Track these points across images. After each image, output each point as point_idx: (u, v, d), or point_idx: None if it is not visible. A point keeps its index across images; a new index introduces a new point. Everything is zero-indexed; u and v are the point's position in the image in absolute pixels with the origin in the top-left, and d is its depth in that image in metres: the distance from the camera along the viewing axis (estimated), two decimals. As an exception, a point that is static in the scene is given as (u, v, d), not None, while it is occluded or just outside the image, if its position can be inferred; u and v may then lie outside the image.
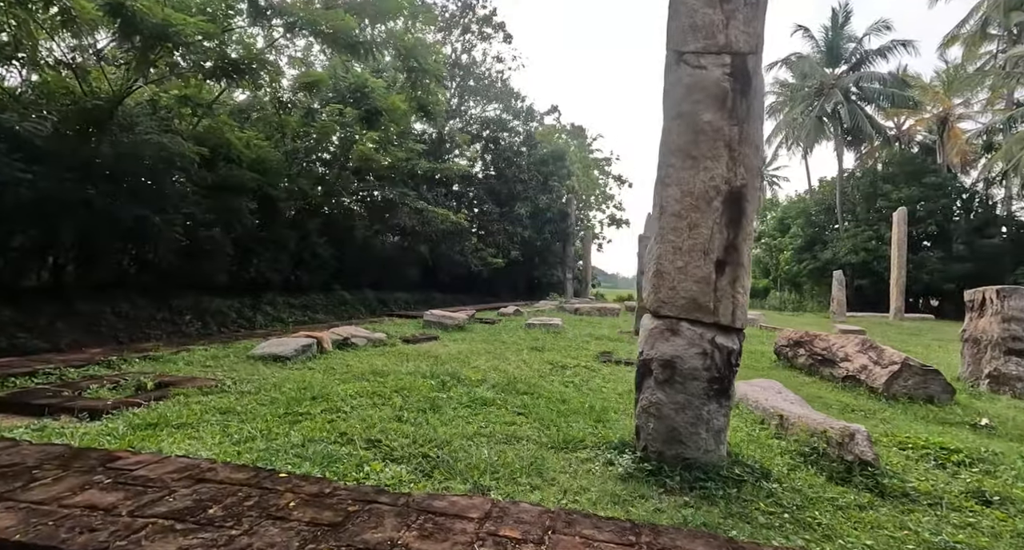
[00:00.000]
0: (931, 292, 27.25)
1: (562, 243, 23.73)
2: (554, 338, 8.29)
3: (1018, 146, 23.03)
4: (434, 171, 13.68)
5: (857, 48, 31.82)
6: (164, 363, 4.92)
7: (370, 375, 4.53)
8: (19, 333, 6.44)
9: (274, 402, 3.52)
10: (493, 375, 4.65)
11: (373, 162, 11.12)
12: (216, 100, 9.65)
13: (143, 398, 3.50)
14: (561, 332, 9.25)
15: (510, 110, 24.95)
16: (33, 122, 6.40)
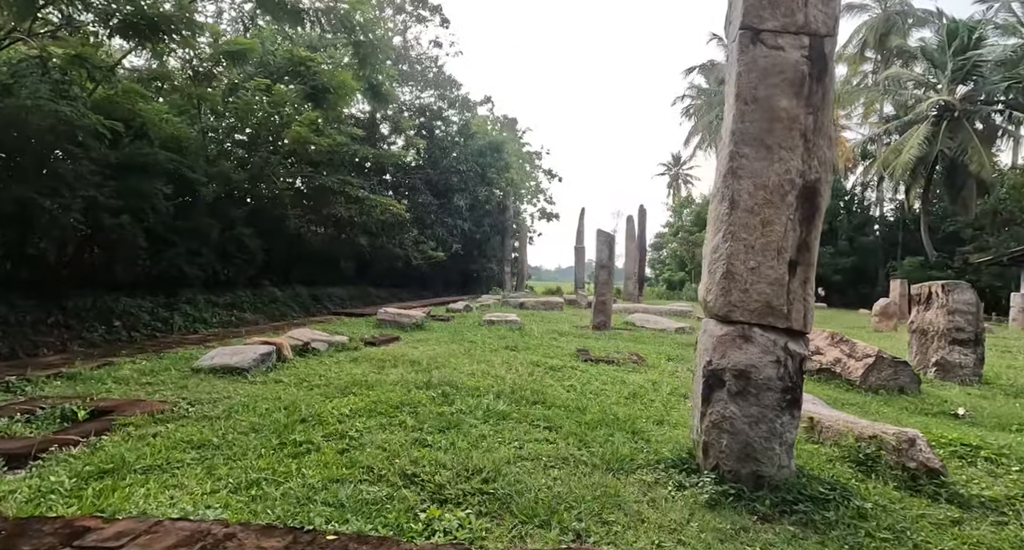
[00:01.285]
0: (821, 283, 30.36)
1: (501, 236, 23.53)
2: (521, 336, 8.04)
3: (893, 155, 26.25)
4: (377, 158, 12.76)
5: (764, 59, 34.54)
6: (85, 382, 3.99)
7: (355, 387, 3.98)
8: None
9: (258, 429, 2.92)
10: (489, 382, 4.30)
11: (310, 145, 10.09)
12: (119, 63, 8.22)
13: (77, 432, 2.74)
14: (523, 329, 9.02)
15: (445, 98, 24.18)
16: None
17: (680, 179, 63.90)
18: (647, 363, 5.90)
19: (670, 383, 4.74)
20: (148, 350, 5.72)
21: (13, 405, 3.22)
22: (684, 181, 63.80)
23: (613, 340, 8.18)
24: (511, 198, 24.36)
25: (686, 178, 63.84)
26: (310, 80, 8.75)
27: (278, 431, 2.88)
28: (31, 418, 3.02)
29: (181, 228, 9.66)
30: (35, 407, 3.17)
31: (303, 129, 9.48)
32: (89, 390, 3.74)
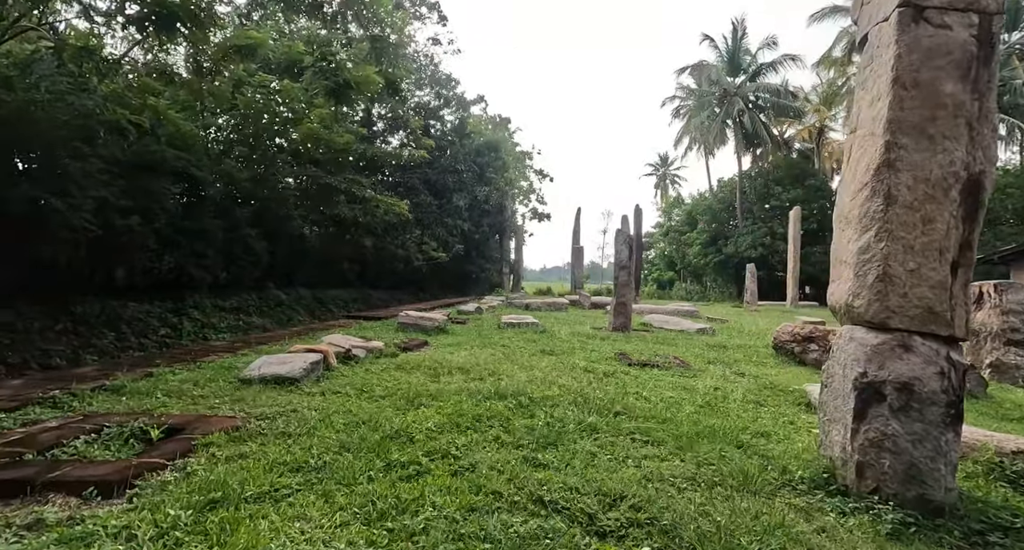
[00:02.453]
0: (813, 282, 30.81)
1: (499, 237, 23.30)
2: (549, 339, 7.84)
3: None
4: (387, 157, 12.44)
5: (753, 60, 34.95)
6: (134, 396, 3.66)
7: (422, 398, 3.73)
8: None
9: (349, 448, 2.66)
10: (556, 391, 4.08)
11: (323, 143, 9.73)
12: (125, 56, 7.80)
13: (160, 455, 2.45)
14: (548, 331, 8.82)
15: (441, 96, 23.87)
16: None
17: (667, 179, 64.44)
18: (692, 367, 5.75)
19: (733, 389, 4.58)
20: (181, 359, 5.36)
21: (71, 423, 2.90)
22: (671, 182, 64.36)
23: (642, 343, 8.03)
24: (509, 198, 24.16)
25: (673, 178, 64.40)
26: (332, 75, 8.42)
27: (373, 450, 2.63)
28: (99, 438, 2.71)
29: (188, 229, 9.24)
30: (96, 425, 2.85)
31: (316, 126, 9.13)
32: (141, 404, 3.42)
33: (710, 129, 35.10)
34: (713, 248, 36.09)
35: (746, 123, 32.47)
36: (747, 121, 32.29)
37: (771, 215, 33.27)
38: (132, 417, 2.99)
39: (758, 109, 34.02)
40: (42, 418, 3.10)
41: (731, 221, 37.28)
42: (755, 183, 35.52)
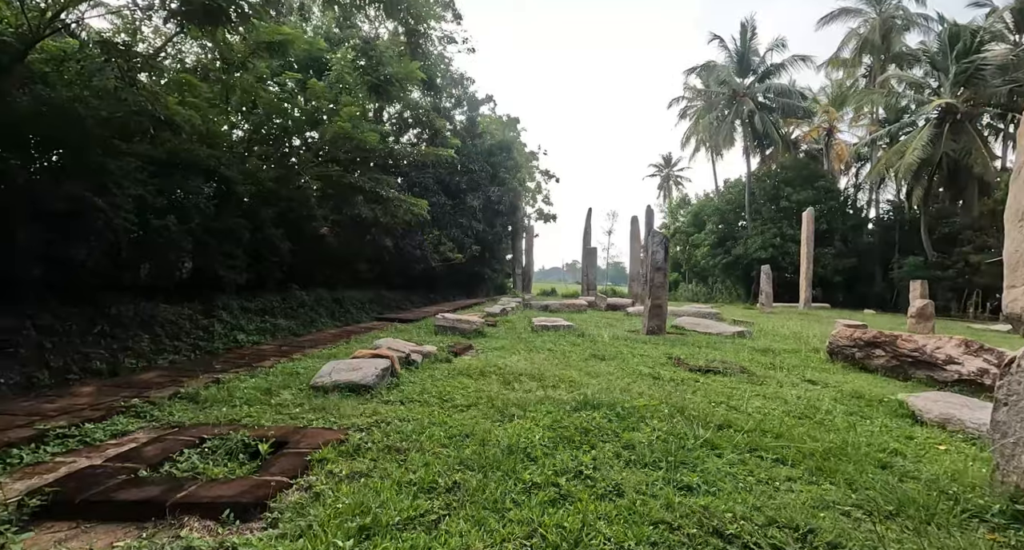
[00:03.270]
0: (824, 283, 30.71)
1: (512, 237, 23.13)
2: (591, 343, 7.67)
3: (895, 157, 26.65)
4: (417, 156, 12.27)
5: (762, 61, 34.84)
6: (212, 405, 3.48)
7: (510, 408, 3.55)
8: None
9: (468, 466, 2.47)
10: (642, 400, 3.88)
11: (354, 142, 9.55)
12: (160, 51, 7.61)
13: (279, 472, 2.27)
14: (586, 335, 8.65)
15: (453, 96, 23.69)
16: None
17: (671, 180, 64.39)
18: (756, 374, 5.58)
19: (819, 399, 4.37)
20: (236, 363, 5.17)
21: (167, 436, 2.72)
22: (675, 183, 64.33)
23: (686, 347, 7.87)
24: (523, 198, 24.00)
25: (677, 179, 64.37)
26: (373, 72, 8.23)
27: (495, 468, 2.44)
28: (203, 451, 2.54)
29: (217, 229, 9.05)
30: (193, 438, 2.68)
31: (347, 125, 8.95)
32: (224, 414, 3.24)
33: (719, 130, 35.00)
34: (721, 249, 35.97)
35: (756, 124, 32.37)
36: (758, 122, 32.19)
37: (781, 216, 33.15)
38: (229, 429, 2.82)
39: (767, 110, 33.90)
40: (130, 429, 2.93)
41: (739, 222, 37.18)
42: (764, 184, 35.41)
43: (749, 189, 35.04)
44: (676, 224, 46.27)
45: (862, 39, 34.51)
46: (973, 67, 23.14)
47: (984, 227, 26.19)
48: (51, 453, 2.63)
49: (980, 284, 25.32)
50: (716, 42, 35.52)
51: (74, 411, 3.27)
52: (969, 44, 23.71)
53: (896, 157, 26.35)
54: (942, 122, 24.25)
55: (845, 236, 32.58)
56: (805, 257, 25.97)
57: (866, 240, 33.06)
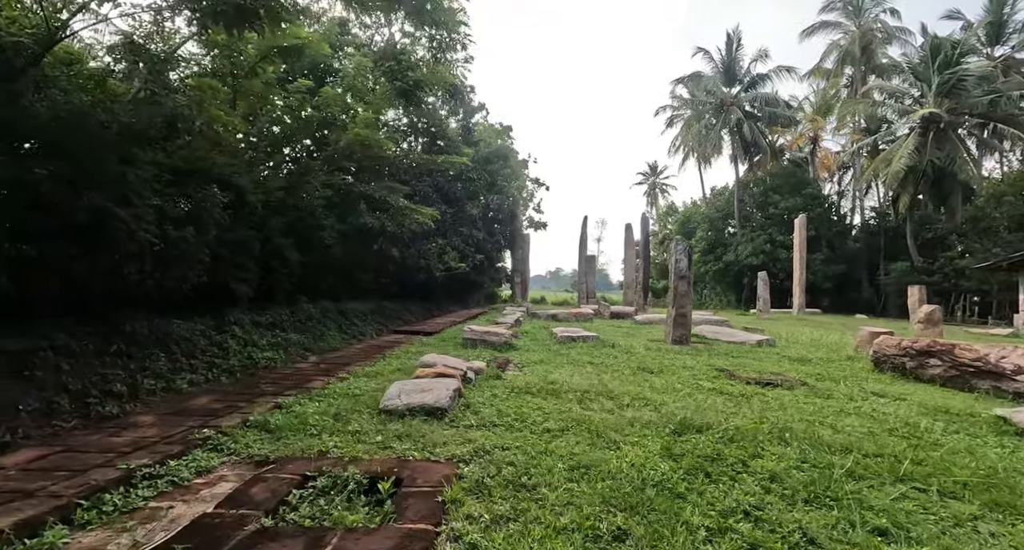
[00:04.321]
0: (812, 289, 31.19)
1: (510, 245, 22.95)
2: (627, 354, 7.48)
3: (882, 164, 27.33)
4: (431, 163, 11.99)
5: (747, 72, 35.54)
6: (288, 434, 3.16)
7: (608, 432, 3.31)
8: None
9: (612, 504, 2.22)
10: (736, 420, 3.64)
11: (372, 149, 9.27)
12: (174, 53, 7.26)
13: (415, 518, 2.00)
14: (616, 345, 8.47)
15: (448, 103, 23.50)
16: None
17: (657, 188, 65.12)
18: (815, 386, 5.44)
19: (908, 414, 4.17)
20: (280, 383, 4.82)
21: (265, 474, 2.41)
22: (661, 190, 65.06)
23: (722, 357, 7.73)
24: (520, 206, 23.87)
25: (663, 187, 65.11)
26: (401, 76, 8.00)
27: (651, 508, 2.20)
28: (318, 493, 2.25)
29: (230, 240, 8.67)
30: (293, 474, 2.38)
31: (364, 132, 8.68)
32: (306, 445, 2.94)
33: (708, 138, 35.50)
34: (712, 256, 36.36)
35: (745, 132, 32.92)
36: (746, 130, 32.75)
37: (769, 223, 33.68)
38: (323, 463, 2.53)
39: (753, 119, 34.54)
40: (213, 465, 2.63)
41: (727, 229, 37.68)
42: (753, 191, 35.99)
43: (738, 196, 35.55)
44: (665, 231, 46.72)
45: (843, 51, 35.52)
46: (955, 78, 23.91)
47: (967, 232, 26.96)
48: (143, 497, 2.32)
49: (966, 288, 26.00)
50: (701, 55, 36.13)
51: (147, 445, 2.94)
52: (950, 56, 24.52)
53: (883, 165, 27.02)
54: (926, 131, 24.96)
55: (831, 242, 33.24)
56: (798, 263, 26.35)
57: (851, 246, 33.78)
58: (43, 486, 2.34)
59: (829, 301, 31.71)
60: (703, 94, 35.76)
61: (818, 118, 34.65)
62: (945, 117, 24.37)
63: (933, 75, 24.88)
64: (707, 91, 35.39)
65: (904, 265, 28.31)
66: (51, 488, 2.32)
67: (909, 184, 25.58)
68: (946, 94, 24.65)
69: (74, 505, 2.17)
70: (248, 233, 9.27)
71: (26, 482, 2.41)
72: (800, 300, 26.11)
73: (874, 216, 35.95)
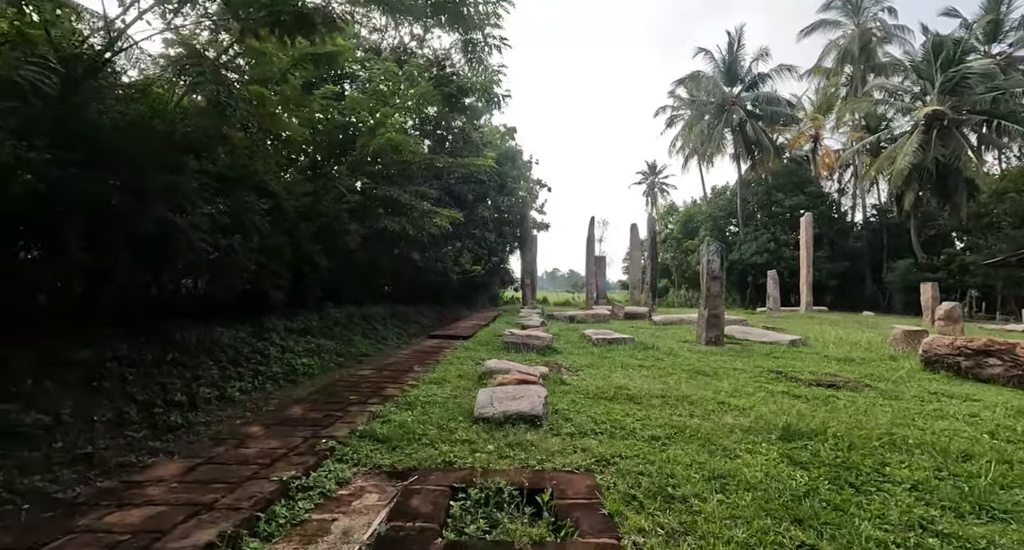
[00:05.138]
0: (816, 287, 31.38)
1: (520, 247, 22.95)
2: (672, 357, 7.49)
3: (886, 162, 27.56)
4: (456, 167, 11.98)
5: (749, 70, 35.71)
6: (405, 443, 3.16)
7: (717, 439, 3.32)
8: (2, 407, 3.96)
9: (778, 516, 2.22)
10: (835, 427, 3.62)
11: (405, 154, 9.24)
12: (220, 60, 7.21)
13: (592, 531, 2.00)
14: (655, 347, 8.49)
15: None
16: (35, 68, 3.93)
17: (656, 188, 65.30)
18: (877, 387, 5.47)
19: (994, 416, 4.14)
20: (358, 393, 4.77)
21: (417, 486, 2.39)
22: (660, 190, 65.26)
23: (765, 358, 7.76)
24: (529, 208, 23.89)
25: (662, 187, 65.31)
26: (447, 83, 8.00)
27: (818, 519, 2.17)
28: (478, 505, 2.24)
29: (267, 247, 8.63)
30: (439, 487, 2.37)
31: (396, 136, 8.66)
32: (432, 456, 2.94)
33: (710, 137, 35.64)
34: (716, 255, 36.46)
35: (748, 131, 33.09)
36: (749, 129, 32.92)
37: (773, 222, 33.86)
38: (465, 475, 2.53)
39: (755, 117, 34.71)
40: (347, 476, 2.65)
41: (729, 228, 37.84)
42: (756, 190, 36.18)
43: (740, 195, 35.72)
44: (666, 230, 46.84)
45: (842, 50, 35.81)
46: (959, 75, 24.14)
47: (971, 229, 27.24)
48: (305, 509, 2.32)
49: (971, 285, 26.25)
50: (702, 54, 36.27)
51: (279, 457, 2.92)
52: (953, 53, 24.76)
53: (887, 163, 27.25)
54: (930, 128, 25.18)
55: (832, 240, 33.46)
56: (805, 262, 26.49)
57: (853, 244, 34.02)
58: (215, 499, 2.35)
59: (832, 299, 31.91)
60: (704, 94, 35.91)
61: (819, 116, 34.92)
62: (950, 114, 24.60)
63: (936, 73, 25.12)
64: (708, 91, 35.54)
65: (908, 262, 28.53)
66: (223, 500, 2.33)
67: (913, 181, 25.79)
68: (950, 91, 24.89)
69: (254, 518, 2.16)
70: (282, 239, 9.24)
71: (197, 494, 2.42)
72: (807, 298, 26.26)
73: (875, 214, 36.21)
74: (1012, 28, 29.23)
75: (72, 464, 3.78)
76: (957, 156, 24.03)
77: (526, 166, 35.85)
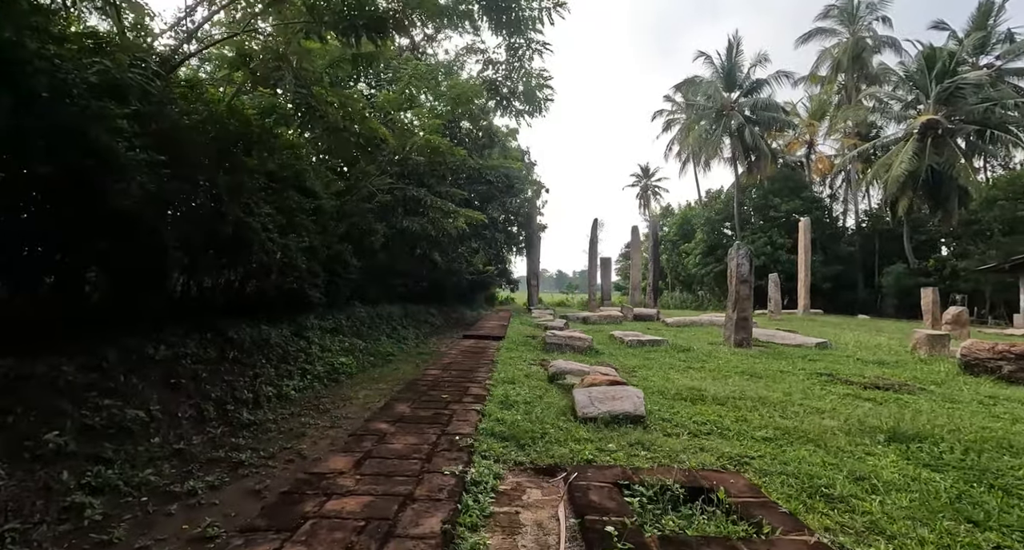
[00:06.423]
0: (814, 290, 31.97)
1: (527, 247, 23.06)
2: (713, 359, 7.62)
3: (882, 169, 28.23)
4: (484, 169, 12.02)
5: (748, 76, 36.25)
6: (536, 443, 3.27)
7: (825, 439, 3.44)
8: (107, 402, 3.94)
9: (989, 526, 2.25)
10: (929, 430, 3.73)
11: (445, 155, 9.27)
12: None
13: (790, 530, 2.10)
14: (691, 350, 8.65)
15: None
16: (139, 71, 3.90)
17: (650, 190, 65.91)
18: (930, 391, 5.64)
19: None
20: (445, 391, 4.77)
21: (580, 483, 2.46)
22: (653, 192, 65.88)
23: (799, 359, 7.94)
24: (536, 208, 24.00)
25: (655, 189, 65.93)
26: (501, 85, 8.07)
27: (1019, 527, 2.29)
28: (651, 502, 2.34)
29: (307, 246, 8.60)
30: (600, 484, 2.45)
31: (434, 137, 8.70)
32: (568, 454, 3.04)
33: (709, 142, 36.13)
34: (712, 258, 36.92)
35: (746, 137, 33.62)
36: (747, 135, 33.44)
37: (769, 226, 34.45)
38: (616, 474, 2.62)
39: (753, 123, 35.27)
40: (500, 473, 2.73)
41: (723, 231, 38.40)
42: (752, 195, 36.79)
43: (737, 199, 36.25)
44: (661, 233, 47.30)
45: (836, 59, 36.61)
46: (954, 86, 24.86)
47: (961, 235, 28.05)
48: (488, 503, 2.40)
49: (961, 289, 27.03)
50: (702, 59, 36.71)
51: (428, 454, 2.96)
52: (947, 64, 25.50)
53: (883, 169, 27.91)
54: (924, 136, 25.87)
55: (825, 245, 34.18)
56: (803, 265, 27.02)
57: (845, 248, 34.77)
58: (410, 490, 2.42)
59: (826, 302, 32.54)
60: (703, 98, 36.36)
61: (814, 122, 35.62)
62: (944, 123, 25.31)
63: (931, 83, 25.83)
64: (707, 96, 36.00)
65: (901, 267, 29.25)
66: (419, 492, 2.40)
67: (908, 188, 26.47)
68: (944, 101, 25.61)
69: (456, 510, 2.24)
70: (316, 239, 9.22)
71: (388, 486, 2.49)
72: (805, 301, 26.79)
73: (867, 219, 37.03)
74: (999, 41, 30.21)
75: (169, 458, 3.81)
76: (951, 164, 24.74)
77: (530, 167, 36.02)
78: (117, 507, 2.80)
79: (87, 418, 3.61)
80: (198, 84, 6.40)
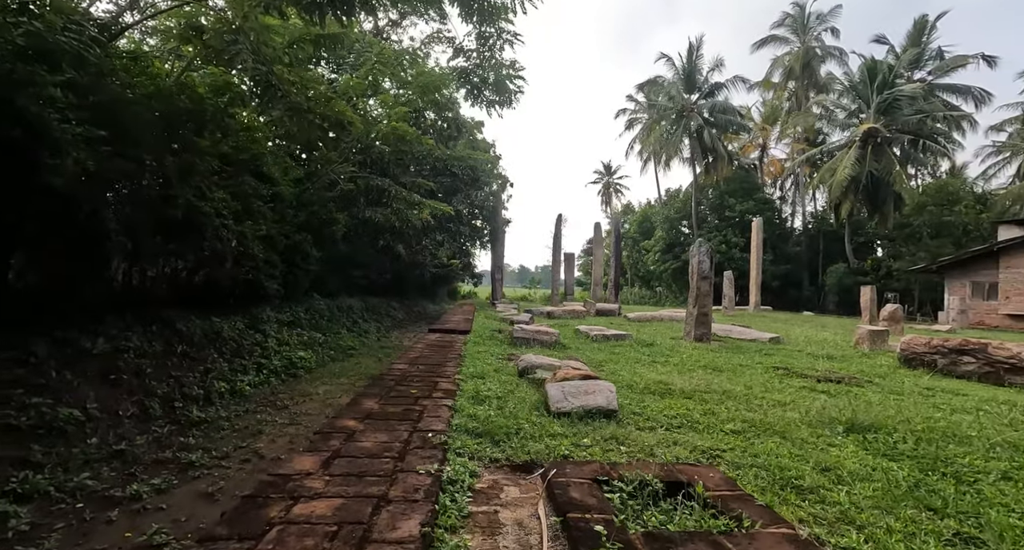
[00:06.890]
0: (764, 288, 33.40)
1: (492, 242, 22.92)
2: (676, 353, 7.78)
3: (827, 174, 29.76)
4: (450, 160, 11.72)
5: (707, 79, 37.33)
6: (510, 440, 3.16)
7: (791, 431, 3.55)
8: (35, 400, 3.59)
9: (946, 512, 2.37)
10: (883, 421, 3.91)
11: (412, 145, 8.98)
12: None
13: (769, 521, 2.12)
14: (654, 344, 8.82)
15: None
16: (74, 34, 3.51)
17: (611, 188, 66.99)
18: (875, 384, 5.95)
19: (1000, 412, 4.52)
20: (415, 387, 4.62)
21: (559, 480, 2.39)
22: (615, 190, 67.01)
23: (755, 354, 8.23)
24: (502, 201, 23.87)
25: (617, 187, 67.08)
26: (473, 73, 7.81)
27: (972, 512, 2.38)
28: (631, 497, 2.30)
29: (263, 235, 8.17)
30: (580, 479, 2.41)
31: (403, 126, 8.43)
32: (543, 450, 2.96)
33: (669, 142, 37.02)
34: (670, 255, 38.01)
35: (705, 138, 34.64)
36: (706, 136, 34.46)
37: (725, 225, 35.77)
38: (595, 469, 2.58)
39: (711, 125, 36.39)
40: (475, 470, 2.62)
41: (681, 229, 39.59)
42: (709, 194, 38.04)
43: (695, 199, 37.37)
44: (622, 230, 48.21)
45: (788, 67, 38.28)
46: (892, 97, 26.46)
47: (895, 238, 30.04)
48: (465, 502, 2.30)
49: (895, 288, 28.99)
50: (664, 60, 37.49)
51: (401, 451, 2.81)
52: (887, 77, 27.11)
53: (828, 174, 29.43)
54: (865, 144, 27.46)
55: (774, 245, 35.86)
56: (755, 263, 28.19)
57: (793, 249, 36.59)
58: (383, 491, 2.27)
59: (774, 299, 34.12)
60: (665, 99, 37.16)
61: (767, 127, 37.09)
62: (883, 132, 26.92)
63: (872, 94, 27.40)
64: (670, 96, 36.82)
65: (842, 266, 30.98)
66: (392, 494, 2.26)
67: (850, 192, 28.04)
68: (883, 111, 27.23)
69: (434, 511, 2.12)
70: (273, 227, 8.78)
71: (360, 487, 2.33)
72: (756, 298, 27.95)
73: (812, 221, 38.95)
74: (931, 57, 32.44)
75: (109, 460, 3.53)
76: (888, 171, 26.36)
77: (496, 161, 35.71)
78: (48, 515, 2.54)
79: (11, 418, 3.27)
80: (143, 57, 5.92)
